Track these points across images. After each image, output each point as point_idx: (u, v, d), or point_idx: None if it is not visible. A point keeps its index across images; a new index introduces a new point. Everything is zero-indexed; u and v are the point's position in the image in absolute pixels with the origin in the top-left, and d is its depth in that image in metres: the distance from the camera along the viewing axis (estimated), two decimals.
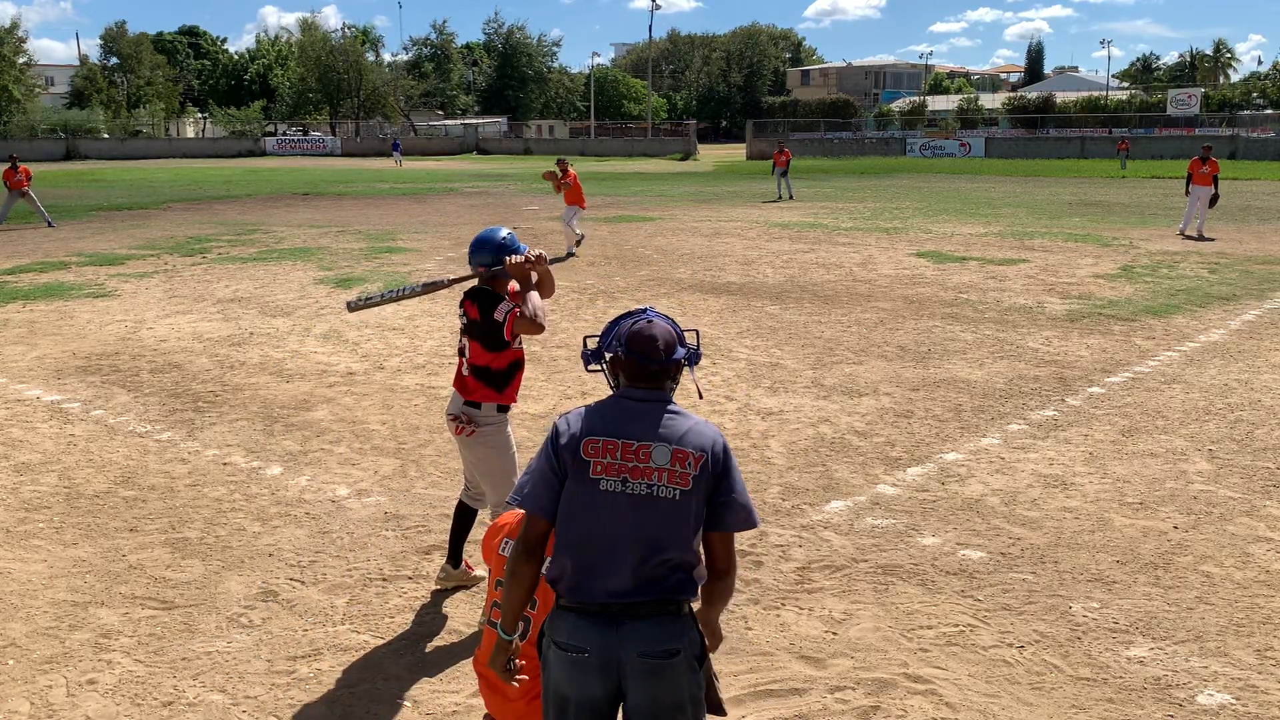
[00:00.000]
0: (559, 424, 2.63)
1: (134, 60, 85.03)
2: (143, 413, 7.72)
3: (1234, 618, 4.51)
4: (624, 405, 2.64)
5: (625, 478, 2.54)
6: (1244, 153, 52.68)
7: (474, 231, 4.80)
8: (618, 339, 2.68)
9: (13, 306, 12.15)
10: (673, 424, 2.60)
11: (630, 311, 2.77)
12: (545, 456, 2.62)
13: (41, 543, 5.33)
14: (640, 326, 2.67)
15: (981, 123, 75.87)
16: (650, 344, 2.65)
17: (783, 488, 6.12)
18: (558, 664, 2.54)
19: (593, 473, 2.55)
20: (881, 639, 4.33)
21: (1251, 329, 10.69)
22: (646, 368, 2.65)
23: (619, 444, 2.56)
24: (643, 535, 2.53)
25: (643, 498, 2.53)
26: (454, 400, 4.70)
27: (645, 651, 2.49)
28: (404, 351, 9.76)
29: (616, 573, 2.52)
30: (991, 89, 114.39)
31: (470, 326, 4.55)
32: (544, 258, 4.48)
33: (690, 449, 2.56)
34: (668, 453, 2.55)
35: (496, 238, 4.51)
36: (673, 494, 2.54)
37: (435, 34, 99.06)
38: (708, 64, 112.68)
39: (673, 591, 2.55)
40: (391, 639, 4.37)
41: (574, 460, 2.57)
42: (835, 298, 12.64)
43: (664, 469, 2.54)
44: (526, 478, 2.64)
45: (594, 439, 2.57)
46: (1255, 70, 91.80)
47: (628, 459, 2.55)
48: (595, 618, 2.52)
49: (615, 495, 2.54)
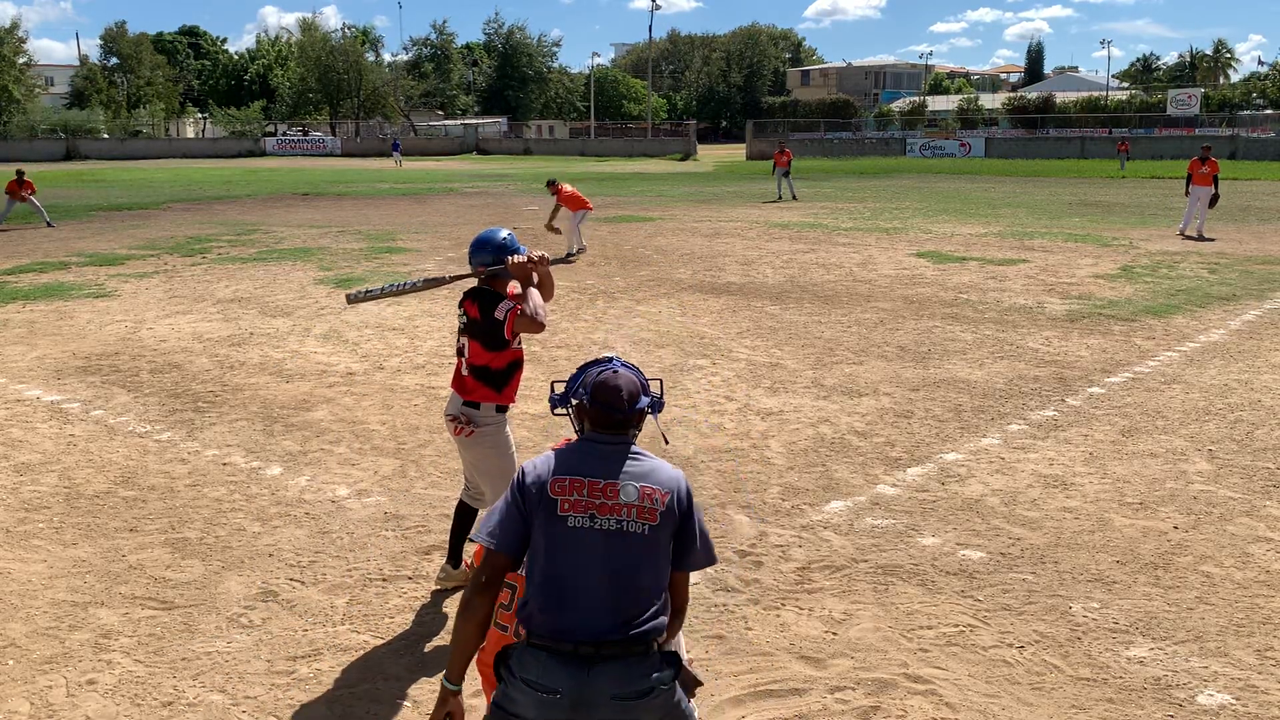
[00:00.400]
0: (525, 466, 2.70)
1: (134, 60, 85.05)
2: (143, 413, 7.72)
3: (1234, 618, 4.51)
4: (590, 448, 2.71)
5: (593, 514, 2.59)
6: (1244, 153, 52.68)
7: (474, 232, 4.82)
8: (584, 387, 2.77)
9: (13, 306, 12.16)
10: (638, 465, 2.68)
11: (597, 360, 2.86)
12: (510, 496, 2.67)
13: (41, 543, 5.33)
14: (605, 376, 2.75)
15: (981, 123, 75.87)
16: (614, 394, 2.73)
17: (783, 488, 6.12)
18: (525, 702, 2.52)
19: (560, 510, 2.60)
20: (881, 639, 4.33)
21: (1251, 329, 10.70)
22: (611, 416, 2.73)
23: (585, 482, 2.62)
24: (614, 570, 2.57)
25: (612, 533, 2.58)
26: (452, 401, 4.70)
27: (618, 694, 2.50)
28: (404, 351, 9.77)
29: (589, 609, 2.54)
30: (991, 89, 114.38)
31: (470, 326, 4.56)
32: (545, 258, 4.48)
33: (657, 486, 2.64)
34: (635, 490, 2.62)
35: (497, 238, 4.53)
36: (642, 529, 2.59)
37: (435, 34, 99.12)
38: (708, 64, 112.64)
39: (644, 629, 2.56)
40: (391, 639, 4.37)
41: (540, 499, 2.61)
42: (835, 298, 12.64)
43: (633, 504, 2.60)
44: (491, 516, 2.68)
45: (560, 478, 2.63)
46: (1255, 70, 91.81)
47: (595, 496, 2.60)
48: (566, 659, 2.51)
49: (583, 531, 2.58)
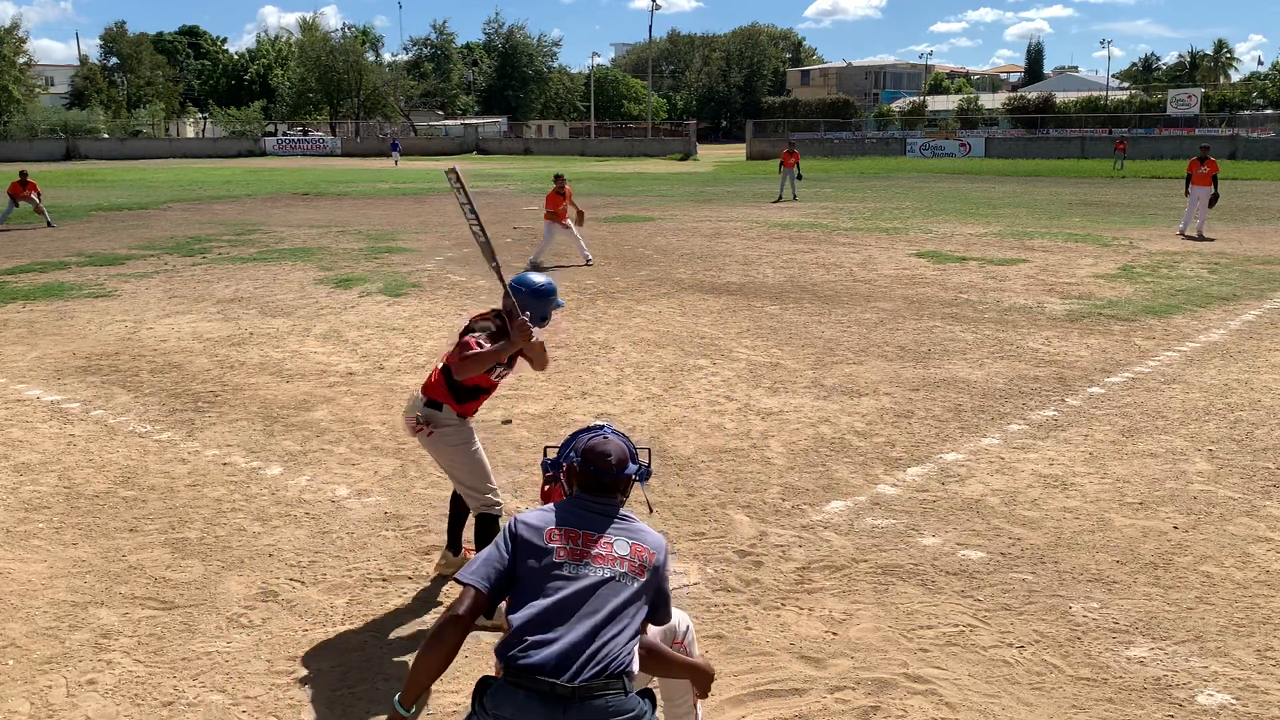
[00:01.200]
0: (520, 519, 2.81)
1: (134, 60, 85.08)
2: (143, 413, 7.72)
3: (1234, 618, 4.51)
4: (585, 505, 2.87)
5: (587, 561, 2.72)
6: (1244, 153, 52.68)
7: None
8: (575, 451, 2.96)
9: (13, 306, 12.16)
10: (626, 525, 2.85)
11: (589, 426, 3.08)
12: (498, 545, 2.77)
13: (41, 543, 5.33)
14: (596, 442, 2.95)
15: (981, 123, 75.89)
16: (603, 459, 2.92)
17: (783, 488, 6.12)
18: None
19: (556, 557, 2.71)
20: (881, 639, 4.33)
21: (1251, 329, 10.70)
22: (599, 480, 2.91)
23: (581, 534, 2.78)
24: (599, 615, 2.64)
25: (605, 580, 2.70)
26: (414, 401, 4.72)
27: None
28: (404, 351, 9.76)
29: (570, 652, 2.57)
30: (991, 89, 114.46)
31: (468, 328, 4.58)
32: (542, 345, 4.59)
33: (646, 546, 2.81)
34: (628, 545, 2.78)
35: (553, 293, 4.62)
36: (630, 582, 2.73)
37: (435, 34, 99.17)
38: (708, 64, 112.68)
39: (620, 671, 2.61)
40: (391, 639, 4.37)
41: (533, 546, 2.74)
42: (835, 298, 12.64)
43: (625, 558, 2.75)
44: (477, 560, 2.77)
45: (555, 529, 2.77)
46: (1255, 70, 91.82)
47: (590, 545, 2.75)
48: (543, 698, 2.53)
49: (576, 578, 2.69)
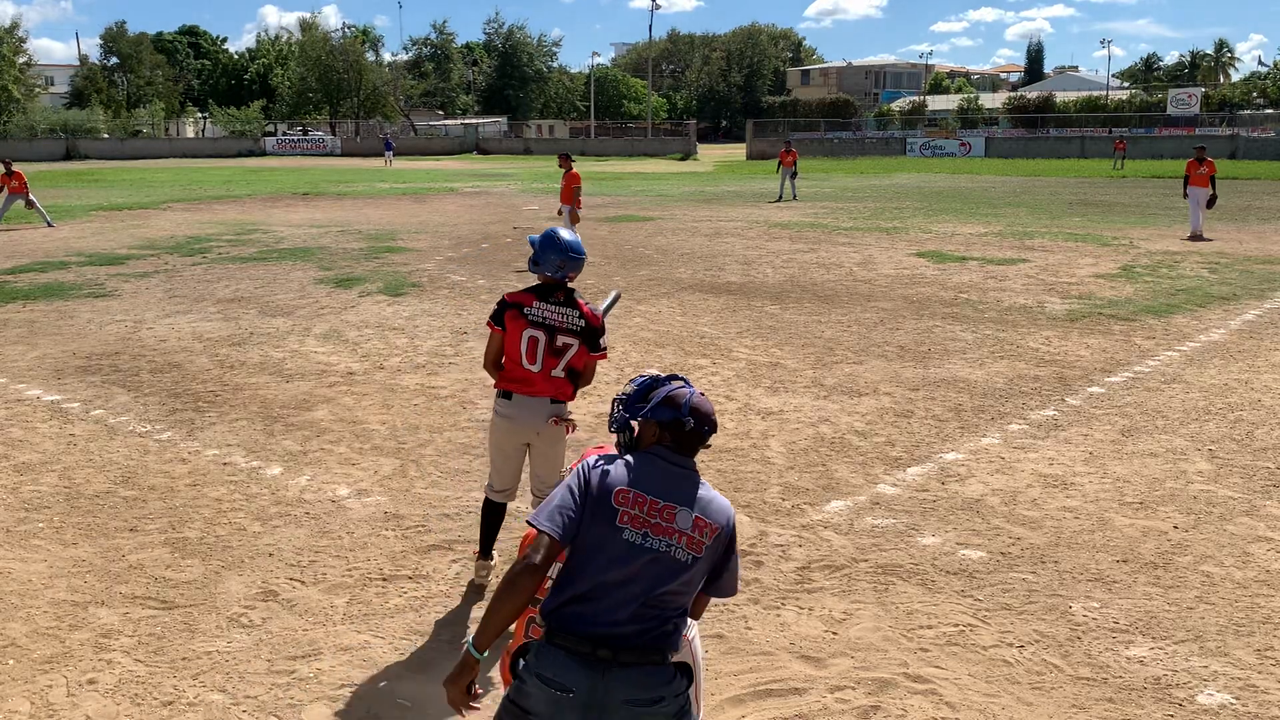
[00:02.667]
0: (596, 469, 2.69)
1: (134, 60, 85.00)
2: (143, 413, 7.72)
3: (1234, 617, 4.51)
4: (661, 465, 2.73)
5: (647, 532, 2.63)
6: (1244, 153, 52.68)
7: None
8: (673, 407, 2.76)
9: (13, 306, 12.15)
10: (699, 492, 2.72)
11: (656, 378, 2.87)
12: (572, 492, 2.67)
13: (41, 543, 5.33)
14: (699, 400, 2.79)
15: (981, 122, 75.88)
16: (711, 418, 2.79)
17: (783, 488, 6.12)
18: (538, 697, 2.55)
19: (618, 521, 2.62)
20: (881, 639, 4.33)
21: (1251, 329, 10.70)
22: (703, 437, 2.78)
23: (648, 500, 2.65)
24: (649, 588, 2.61)
25: (660, 554, 2.62)
26: (539, 405, 4.60)
27: (631, 699, 2.53)
28: (404, 351, 9.76)
29: (615, 618, 2.57)
30: (991, 89, 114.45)
31: (586, 330, 4.59)
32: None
33: (711, 520, 2.69)
34: (690, 518, 2.66)
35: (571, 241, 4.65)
36: (687, 558, 2.65)
37: (435, 34, 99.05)
38: (708, 64, 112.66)
39: (661, 641, 2.61)
40: (391, 639, 4.37)
41: (602, 504, 2.64)
42: (835, 298, 12.64)
43: (685, 533, 2.65)
44: (550, 506, 2.67)
45: (626, 490, 2.65)
46: (1255, 70, 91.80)
47: (653, 515, 2.64)
48: (584, 659, 2.54)
49: (634, 546, 2.61)
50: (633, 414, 2.82)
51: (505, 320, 4.58)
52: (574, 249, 4.58)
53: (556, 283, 4.61)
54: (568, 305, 4.60)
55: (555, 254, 4.55)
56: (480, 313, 11.71)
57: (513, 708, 2.58)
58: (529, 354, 4.56)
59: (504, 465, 4.79)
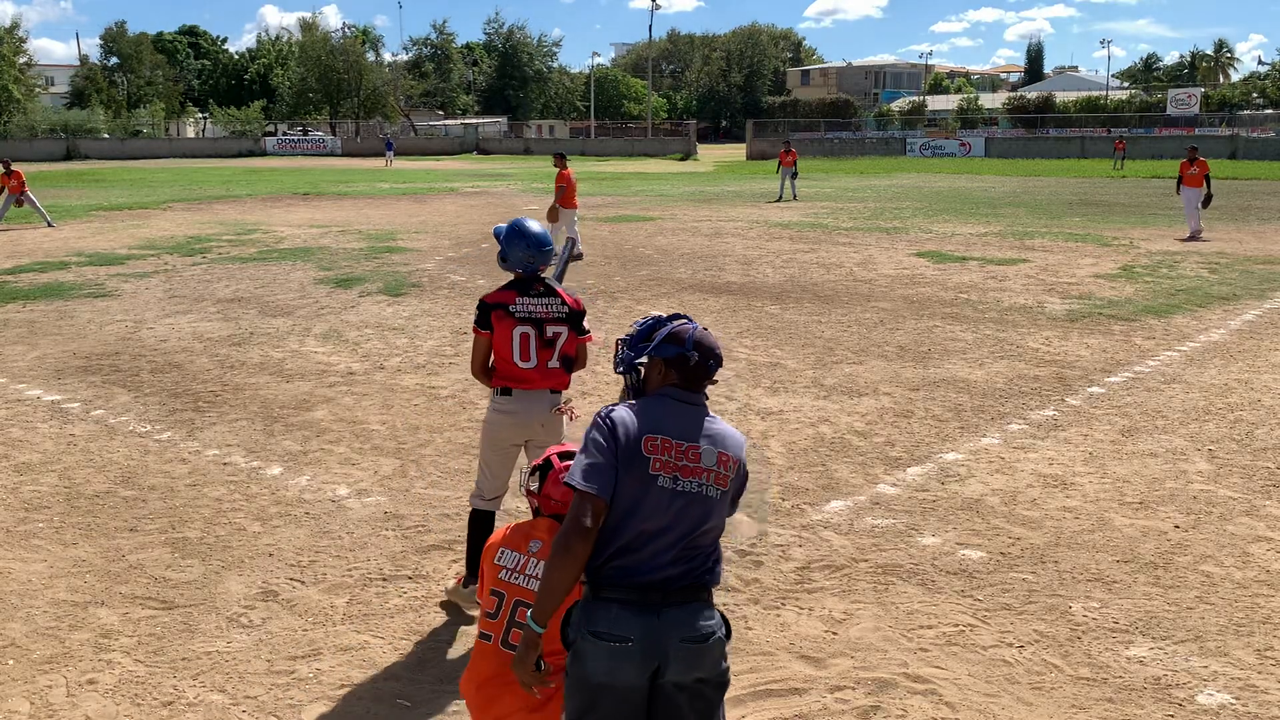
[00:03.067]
0: (613, 417, 2.68)
1: (134, 60, 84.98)
2: (143, 413, 7.72)
3: (1234, 617, 4.51)
4: (674, 406, 2.73)
5: (676, 475, 2.65)
6: (1244, 153, 52.68)
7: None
8: (677, 342, 2.75)
9: (13, 306, 12.16)
10: (714, 428, 2.75)
11: (660, 317, 2.86)
12: (603, 447, 2.65)
13: (41, 543, 5.33)
14: (703, 334, 2.79)
15: (981, 122, 75.90)
16: (716, 351, 2.80)
17: (783, 488, 6.12)
18: (594, 654, 2.58)
19: (652, 469, 2.64)
20: (881, 639, 4.33)
21: (1251, 329, 10.70)
22: (710, 372, 2.78)
23: (674, 443, 2.67)
24: (688, 529, 2.65)
25: (693, 495, 2.65)
26: (540, 398, 4.52)
27: (687, 637, 2.59)
28: (404, 351, 9.76)
29: (660, 563, 2.61)
30: (991, 89, 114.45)
31: (572, 315, 4.53)
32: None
33: (730, 453, 2.73)
34: (714, 455, 2.70)
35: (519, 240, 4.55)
36: (716, 494, 2.70)
37: (435, 34, 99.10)
38: (708, 64, 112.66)
39: (704, 578, 2.67)
40: (391, 639, 4.37)
41: (634, 455, 2.64)
42: (835, 298, 12.64)
43: (711, 470, 2.69)
44: (583, 464, 2.65)
45: (653, 436, 2.66)
46: (1255, 70, 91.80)
47: (680, 458, 2.67)
48: (635, 607, 2.58)
49: (669, 492, 2.64)
50: (638, 353, 2.81)
51: (492, 321, 4.47)
52: (543, 241, 4.49)
53: (530, 276, 4.52)
54: (549, 295, 4.52)
55: (524, 248, 4.45)
56: None
57: (575, 679, 2.61)
58: (522, 352, 4.47)
59: (500, 468, 4.65)
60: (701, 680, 2.63)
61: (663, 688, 2.60)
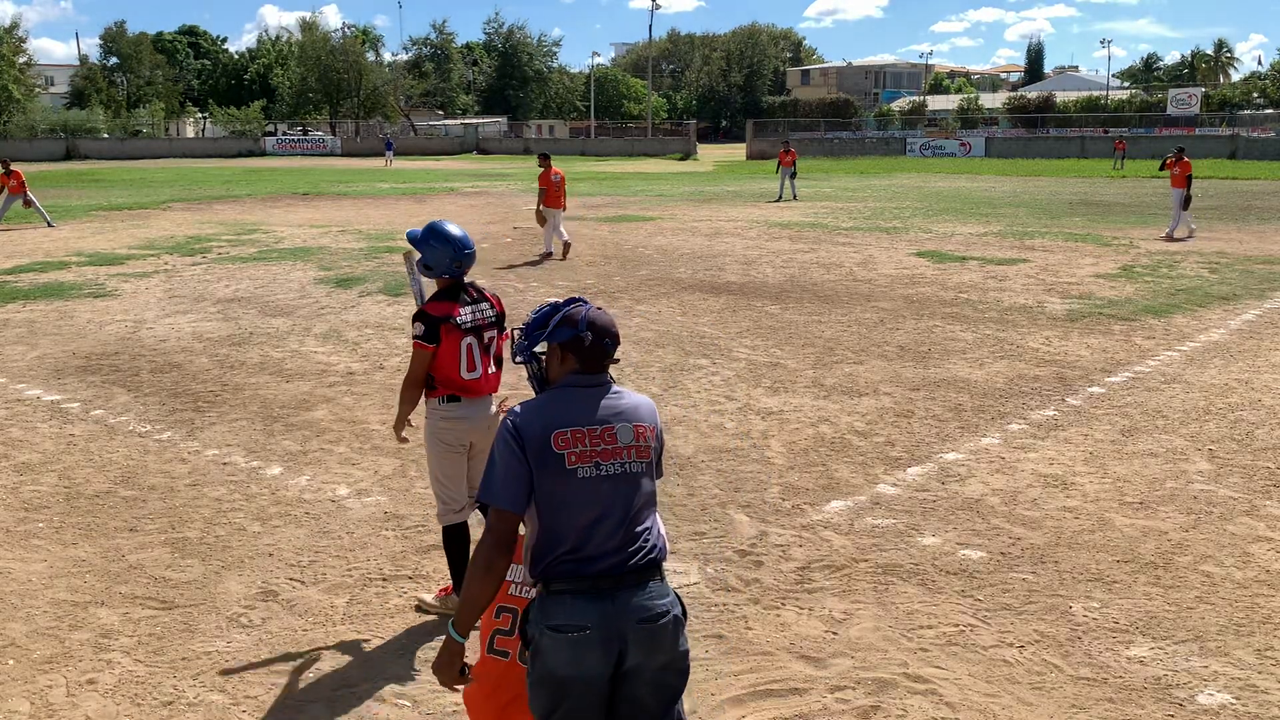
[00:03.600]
0: (518, 422, 2.65)
1: (134, 60, 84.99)
2: (143, 413, 7.72)
3: (1234, 618, 4.51)
4: (576, 394, 2.72)
5: (598, 461, 2.64)
6: (1244, 153, 52.65)
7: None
8: (571, 325, 2.73)
9: (13, 306, 12.16)
10: (622, 403, 2.74)
11: (554, 302, 2.84)
12: (511, 453, 2.63)
13: (41, 543, 5.33)
14: (596, 314, 2.77)
15: (982, 122, 75.92)
16: (611, 330, 2.78)
17: (783, 488, 6.12)
18: (555, 648, 2.57)
19: (568, 463, 2.62)
20: (881, 639, 4.33)
21: (1251, 329, 10.70)
22: (608, 350, 2.76)
23: (585, 431, 2.66)
24: (622, 510, 2.65)
25: (618, 476, 2.66)
26: (486, 403, 4.47)
27: (643, 618, 2.59)
28: (404, 351, 9.76)
29: (607, 549, 2.62)
30: (992, 89, 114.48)
31: (499, 317, 4.52)
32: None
33: (645, 422, 2.74)
34: (630, 430, 2.70)
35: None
36: (640, 467, 2.71)
37: (435, 34, 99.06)
38: (708, 64, 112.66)
39: (652, 554, 2.68)
40: (391, 639, 4.37)
41: (544, 453, 2.62)
42: (835, 298, 12.64)
43: (631, 445, 2.69)
44: (490, 477, 2.65)
45: (561, 431, 2.64)
46: (1255, 70, 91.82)
47: (596, 443, 2.65)
48: (589, 595, 2.58)
49: (592, 480, 2.63)
50: (533, 340, 2.80)
51: (441, 335, 4.30)
52: (466, 244, 4.36)
53: (458, 281, 4.42)
54: (480, 300, 4.46)
55: (450, 253, 4.32)
56: None
57: (539, 676, 2.61)
58: (469, 363, 4.36)
59: (456, 476, 4.49)
60: (664, 667, 2.63)
61: (625, 677, 2.60)
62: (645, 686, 2.63)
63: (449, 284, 4.42)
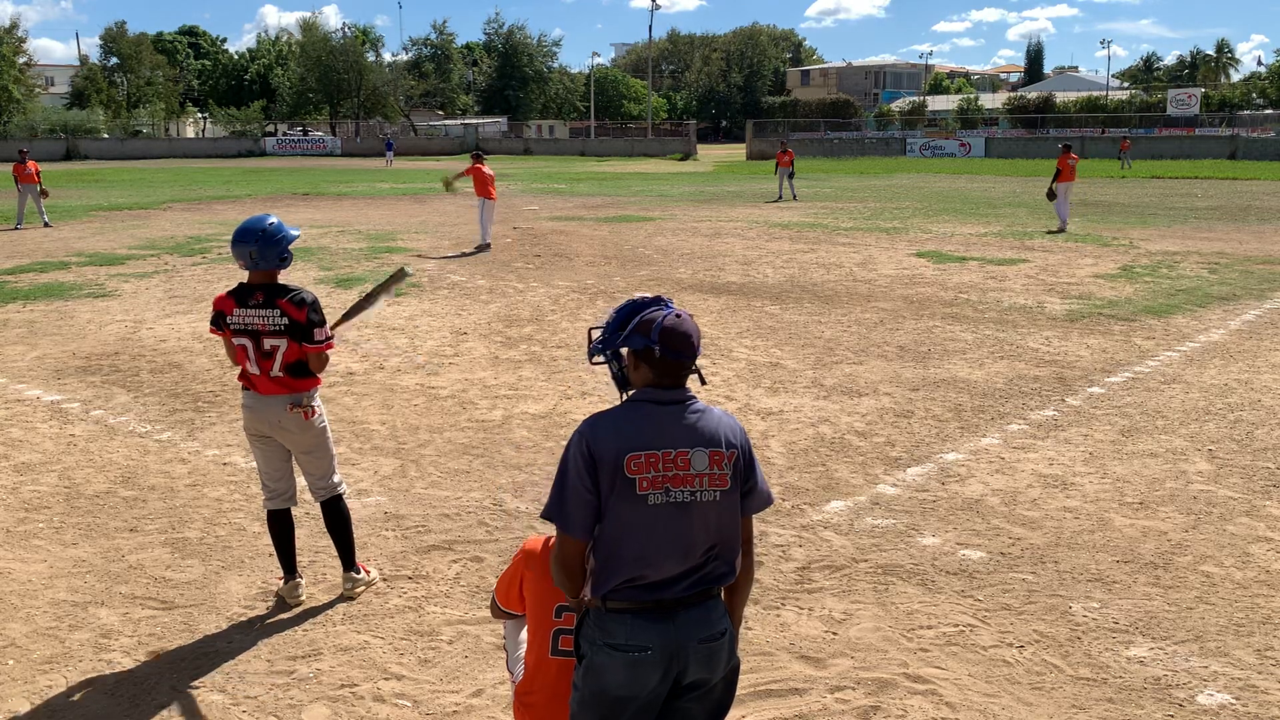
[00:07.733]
0: (591, 443, 2.51)
1: (134, 60, 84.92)
2: (143, 413, 7.72)
3: (1234, 618, 4.51)
4: (651, 410, 2.56)
5: (668, 487, 2.51)
6: (1244, 153, 52.64)
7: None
8: (643, 333, 2.56)
9: (13, 306, 12.15)
10: (703, 424, 2.57)
11: (641, 301, 2.65)
12: (581, 479, 2.51)
13: (41, 543, 5.33)
14: (672, 321, 2.57)
15: (981, 123, 75.90)
16: (686, 341, 2.58)
17: (783, 488, 6.12)
18: (612, 667, 2.50)
19: (639, 489, 2.49)
20: (881, 639, 4.33)
21: (1251, 329, 10.69)
22: (683, 366, 2.59)
23: (659, 455, 2.51)
24: (690, 539, 2.54)
25: (686, 504, 2.53)
26: (272, 402, 4.43)
27: (704, 637, 2.54)
28: (404, 351, 9.77)
29: (671, 576, 2.54)
30: (991, 89, 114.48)
31: (294, 328, 4.36)
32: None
33: (724, 449, 2.57)
34: (705, 457, 2.54)
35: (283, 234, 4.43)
36: (714, 495, 2.55)
37: (435, 34, 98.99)
38: (708, 64, 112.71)
39: (717, 581, 2.60)
40: (391, 639, 4.37)
41: (616, 478, 2.49)
42: (835, 298, 12.64)
43: (704, 474, 2.54)
44: (561, 497, 2.53)
45: (635, 454, 2.50)
46: (1255, 70, 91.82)
47: (668, 469, 2.51)
48: (651, 615, 2.52)
49: (661, 508, 2.51)
50: (609, 344, 2.64)
51: (222, 325, 4.45)
52: (239, 235, 4.30)
53: (259, 280, 4.38)
54: (267, 306, 4.33)
55: (241, 243, 4.30)
56: (480, 312, 11.73)
57: (591, 693, 2.53)
58: (244, 358, 4.42)
59: (263, 461, 4.61)
60: (718, 682, 2.60)
61: (679, 693, 2.56)
62: (698, 702, 2.59)
63: (242, 285, 4.45)
